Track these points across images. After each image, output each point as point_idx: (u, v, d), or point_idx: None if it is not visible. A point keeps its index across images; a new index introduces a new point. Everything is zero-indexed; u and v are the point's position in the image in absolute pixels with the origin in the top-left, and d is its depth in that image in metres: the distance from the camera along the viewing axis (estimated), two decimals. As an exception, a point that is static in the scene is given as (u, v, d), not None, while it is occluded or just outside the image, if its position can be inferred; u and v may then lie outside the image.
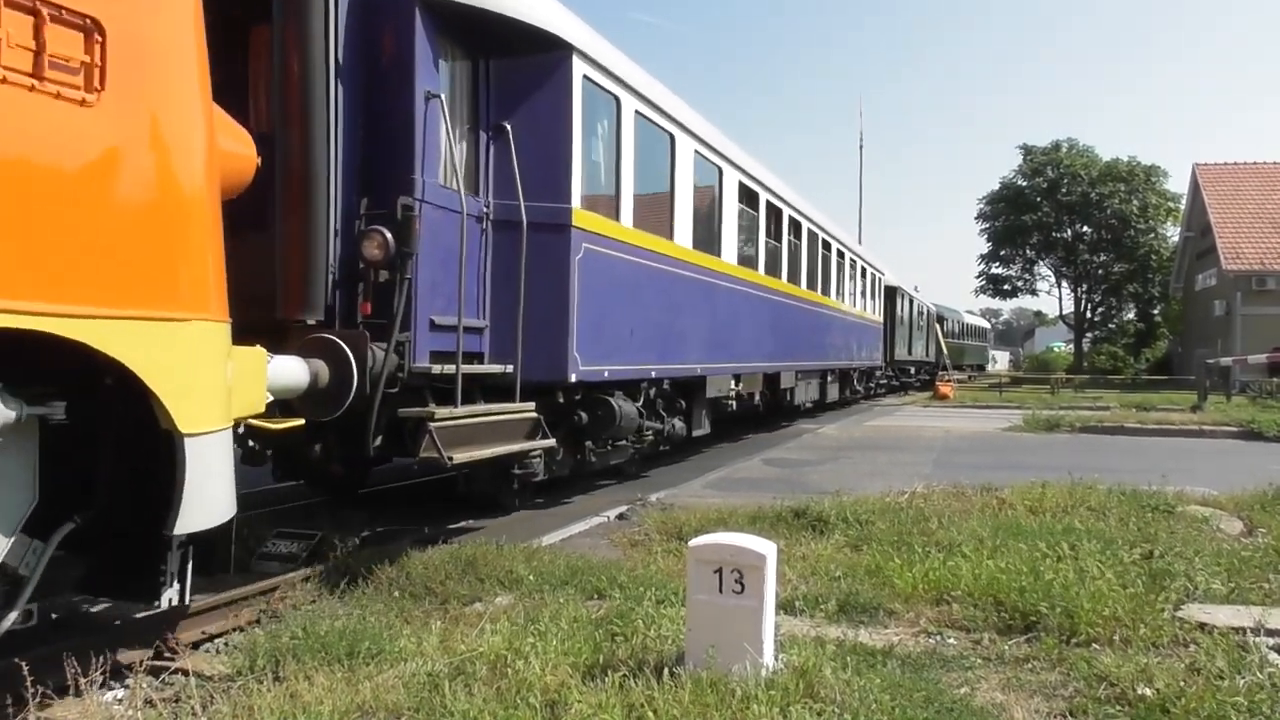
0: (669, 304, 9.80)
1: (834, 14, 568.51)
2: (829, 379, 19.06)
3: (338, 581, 5.58)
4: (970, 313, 58.41)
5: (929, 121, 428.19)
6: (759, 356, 13.51)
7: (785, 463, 12.29)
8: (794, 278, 15.67)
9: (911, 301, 33.21)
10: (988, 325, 67.33)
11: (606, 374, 8.25)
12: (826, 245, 18.40)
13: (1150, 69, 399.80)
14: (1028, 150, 53.37)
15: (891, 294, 28.72)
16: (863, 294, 23.03)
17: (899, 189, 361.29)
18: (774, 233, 14.36)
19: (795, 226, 15.57)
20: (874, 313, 25.03)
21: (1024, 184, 53.16)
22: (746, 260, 12.90)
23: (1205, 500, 8.12)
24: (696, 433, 11.25)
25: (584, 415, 8.40)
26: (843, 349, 20.18)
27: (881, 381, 28.96)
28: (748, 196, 12.95)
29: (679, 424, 10.62)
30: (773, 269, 14.19)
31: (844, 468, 11.57)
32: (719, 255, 11.48)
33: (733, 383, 12.24)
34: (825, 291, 18.22)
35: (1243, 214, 36.34)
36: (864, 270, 23.24)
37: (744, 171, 12.64)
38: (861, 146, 52.49)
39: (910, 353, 33.13)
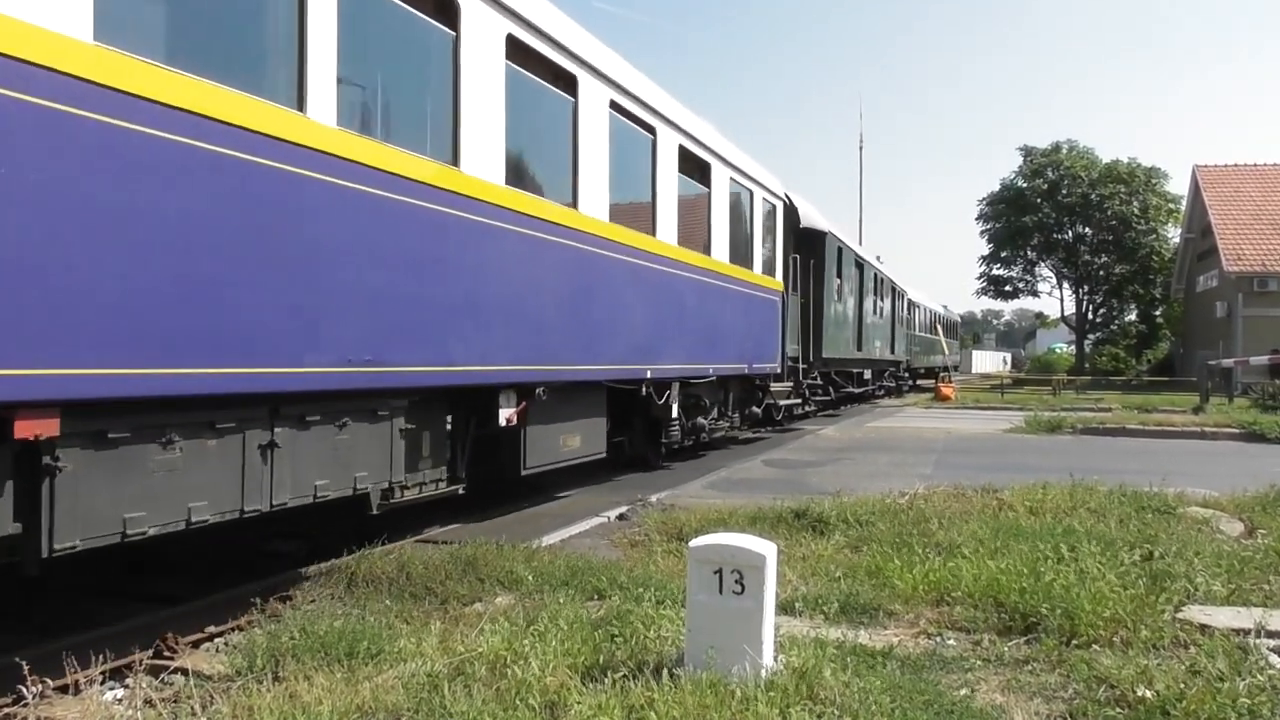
0: None
1: (833, 8, 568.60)
2: (535, 412, 7.66)
3: (337, 581, 5.58)
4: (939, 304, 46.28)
5: (925, 123, 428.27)
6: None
7: (786, 464, 12.29)
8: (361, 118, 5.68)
9: (861, 268, 21.28)
10: (958, 318, 64.02)
11: None
12: (609, 88, 8.62)
13: (1150, 70, 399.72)
14: (1028, 151, 53.40)
15: (812, 245, 16.54)
16: (718, 227, 11.79)
17: (898, 191, 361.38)
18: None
19: None
20: (762, 269, 13.68)
21: (1024, 185, 53.17)
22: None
23: (1206, 502, 8.10)
24: None
25: None
26: (624, 333, 9.04)
27: (786, 402, 15.47)
28: None
29: None
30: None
31: (844, 469, 11.56)
32: None
33: None
34: (552, 193, 7.76)
35: (1243, 215, 36.35)
36: (717, 174, 11.72)
37: None
38: (861, 148, 52.15)
39: (860, 348, 20.91)
